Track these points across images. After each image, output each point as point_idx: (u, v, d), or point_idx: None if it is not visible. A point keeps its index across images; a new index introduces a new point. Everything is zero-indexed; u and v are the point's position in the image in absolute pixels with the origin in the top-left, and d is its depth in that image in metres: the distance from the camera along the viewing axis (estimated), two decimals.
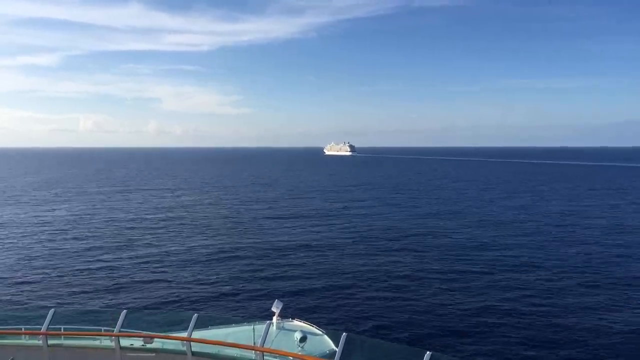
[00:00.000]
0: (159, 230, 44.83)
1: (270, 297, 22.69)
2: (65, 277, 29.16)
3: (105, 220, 50.78)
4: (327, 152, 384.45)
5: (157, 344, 11.19)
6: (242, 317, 20.94)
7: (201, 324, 11.06)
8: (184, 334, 10.55)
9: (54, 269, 31.12)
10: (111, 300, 25.09)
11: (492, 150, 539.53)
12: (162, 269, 30.95)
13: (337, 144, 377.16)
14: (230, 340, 10.71)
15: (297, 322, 12.30)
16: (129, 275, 29.64)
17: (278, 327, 11.84)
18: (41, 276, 29.43)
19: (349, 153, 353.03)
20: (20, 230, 44.98)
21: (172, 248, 37.12)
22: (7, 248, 37.47)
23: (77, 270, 30.79)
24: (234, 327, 12.08)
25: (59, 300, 24.83)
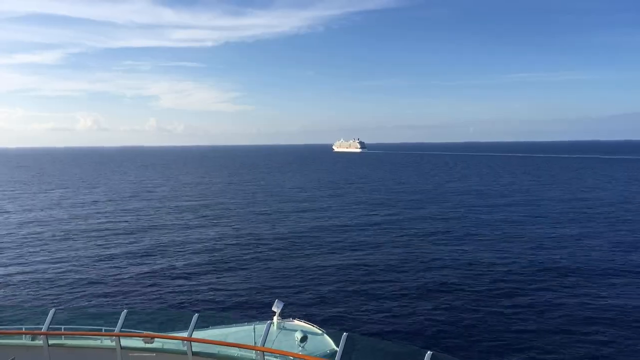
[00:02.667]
0: (160, 230, 44.87)
1: (271, 297, 22.71)
2: (66, 277, 29.20)
3: (105, 220, 50.88)
4: (336, 149, 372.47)
5: (157, 343, 11.20)
6: (243, 317, 21.00)
7: (202, 324, 11.08)
8: (185, 334, 10.56)
9: (54, 268, 31.18)
10: (112, 300, 25.12)
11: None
12: (163, 269, 30.97)
13: (347, 141, 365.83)
14: (230, 340, 10.73)
15: (297, 322, 12.30)
16: (129, 274, 29.67)
17: (278, 327, 11.84)
18: (42, 276, 29.48)
19: (359, 150, 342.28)
20: (21, 230, 45.08)
21: (173, 248, 37.15)
22: (6, 247, 37.54)
23: (77, 269, 30.85)
24: (234, 327, 12.09)
25: (59, 300, 24.88)
